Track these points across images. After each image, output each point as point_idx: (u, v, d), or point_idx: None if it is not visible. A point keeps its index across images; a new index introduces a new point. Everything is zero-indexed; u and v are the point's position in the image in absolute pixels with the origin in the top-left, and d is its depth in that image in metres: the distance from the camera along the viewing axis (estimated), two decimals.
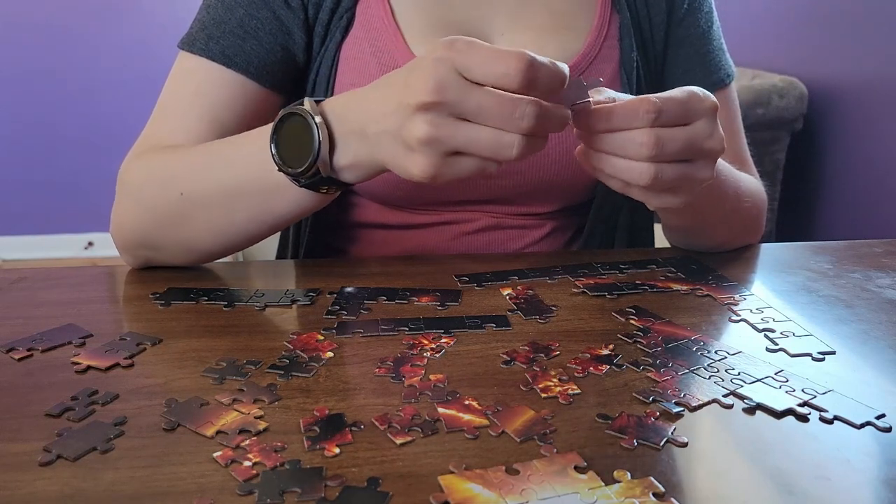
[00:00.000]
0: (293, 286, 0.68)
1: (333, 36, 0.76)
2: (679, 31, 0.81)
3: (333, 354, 0.54)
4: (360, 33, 0.76)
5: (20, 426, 0.45)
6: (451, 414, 0.46)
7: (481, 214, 0.81)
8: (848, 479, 0.40)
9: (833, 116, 2.04)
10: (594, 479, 0.40)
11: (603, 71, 0.78)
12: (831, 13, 2.04)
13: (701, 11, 0.82)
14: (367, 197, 0.81)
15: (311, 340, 0.56)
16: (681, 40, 0.81)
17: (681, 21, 0.81)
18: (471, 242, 0.81)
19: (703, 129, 0.56)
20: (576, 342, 0.56)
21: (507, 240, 0.82)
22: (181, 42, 0.76)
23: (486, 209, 0.81)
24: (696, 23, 0.81)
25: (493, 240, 0.81)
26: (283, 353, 0.54)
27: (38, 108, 2.91)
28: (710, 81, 0.81)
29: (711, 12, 0.83)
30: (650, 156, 0.54)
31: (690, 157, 0.56)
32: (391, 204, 0.81)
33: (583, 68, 0.77)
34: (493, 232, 0.81)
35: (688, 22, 0.81)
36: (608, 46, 0.79)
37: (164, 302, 0.63)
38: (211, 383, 0.50)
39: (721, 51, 0.84)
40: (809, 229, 2.15)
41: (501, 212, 0.81)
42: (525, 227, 0.82)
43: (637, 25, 0.79)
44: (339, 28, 0.76)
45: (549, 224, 0.82)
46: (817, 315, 0.62)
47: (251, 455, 0.41)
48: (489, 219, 0.81)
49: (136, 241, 0.70)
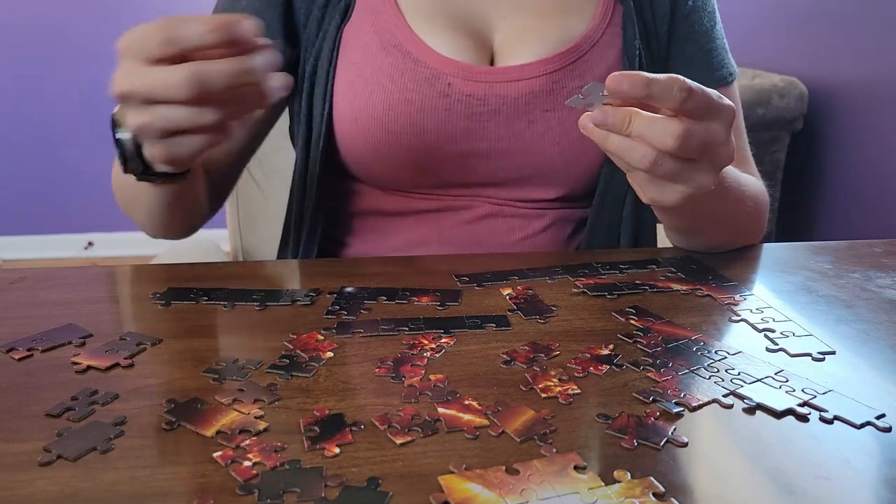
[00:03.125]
0: (293, 286, 0.68)
1: (332, 19, 0.79)
2: (684, 27, 0.81)
3: (334, 354, 0.54)
4: (361, 15, 0.79)
5: (20, 426, 0.45)
6: (451, 414, 0.46)
7: (481, 201, 0.81)
8: (848, 479, 0.40)
9: (833, 116, 2.04)
10: (594, 479, 0.40)
11: (605, 56, 0.78)
12: (832, 13, 2.04)
13: (705, 10, 0.82)
14: (370, 182, 0.82)
15: (312, 340, 0.56)
16: (685, 36, 0.82)
17: (685, 17, 0.81)
18: (470, 232, 0.81)
19: (719, 131, 0.57)
20: (576, 342, 0.56)
21: (508, 230, 0.81)
22: None
23: (485, 194, 0.81)
24: (700, 20, 0.82)
25: (493, 229, 0.81)
26: (283, 353, 0.54)
27: (38, 108, 2.91)
28: (713, 78, 0.81)
29: (714, 12, 0.84)
30: (674, 147, 0.54)
31: (698, 157, 0.57)
32: (392, 188, 0.81)
33: (584, 50, 0.78)
34: (493, 220, 0.81)
35: (692, 18, 0.81)
36: (611, 33, 0.79)
37: (165, 302, 0.63)
38: (211, 383, 0.50)
39: (724, 49, 0.84)
40: (809, 229, 2.15)
41: (501, 198, 0.81)
42: (526, 217, 0.81)
43: (640, 15, 0.80)
44: (338, 11, 0.78)
45: (550, 214, 0.82)
46: (817, 315, 0.62)
47: (251, 455, 0.41)
48: (489, 206, 0.81)
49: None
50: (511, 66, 0.76)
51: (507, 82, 0.76)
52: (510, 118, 0.76)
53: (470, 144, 0.77)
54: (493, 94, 0.76)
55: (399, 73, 0.76)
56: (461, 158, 0.78)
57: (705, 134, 0.56)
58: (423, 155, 0.77)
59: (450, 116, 0.76)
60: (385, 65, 0.76)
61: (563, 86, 0.77)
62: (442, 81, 0.75)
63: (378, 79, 0.76)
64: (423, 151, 0.77)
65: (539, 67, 0.76)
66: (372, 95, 0.76)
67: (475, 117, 0.76)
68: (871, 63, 1.90)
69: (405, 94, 0.75)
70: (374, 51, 0.77)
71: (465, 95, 0.76)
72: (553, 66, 0.76)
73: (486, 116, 0.76)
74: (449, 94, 0.75)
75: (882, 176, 1.86)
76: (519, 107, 0.76)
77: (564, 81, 0.77)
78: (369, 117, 0.76)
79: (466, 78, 0.75)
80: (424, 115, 0.76)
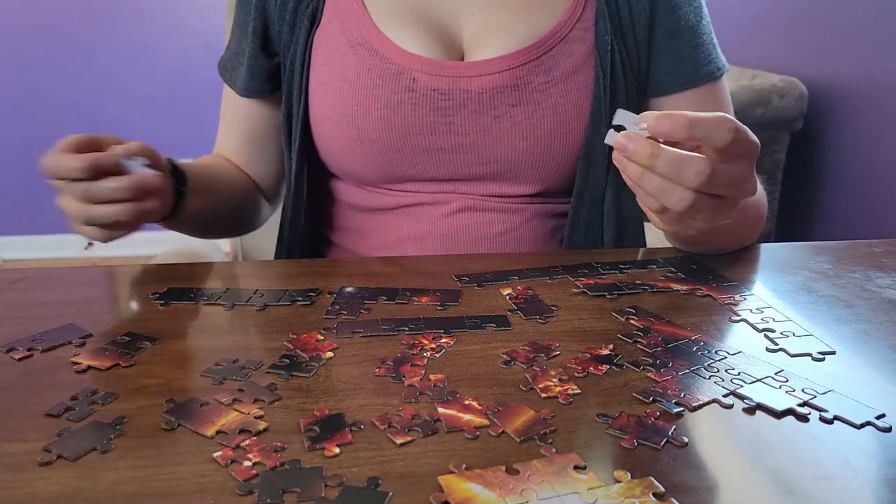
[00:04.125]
0: (293, 286, 0.68)
1: (302, 24, 0.81)
2: (668, 23, 0.81)
3: (333, 354, 0.54)
4: (330, 17, 0.80)
5: (20, 426, 0.45)
6: (451, 414, 0.46)
7: (456, 196, 0.81)
8: (848, 479, 0.40)
9: (833, 116, 2.04)
10: (594, 479, 0.40)
11: (573, 51, 0.78)
12: (831, 13, 2.04)
13: (690, 5, 0.82)
14: (348, 179, 0.84)
15: (312, 340, 0.56)
16: (670, 32, 0.81)
17: (670, 12, 0.81)
18: (450, 225, 0.81)
19: (745, 169, 0.57)
20: (576, 342, 0.56)
21: (486, 223, 0.81)
22: (219, 63, 0.90)
23: (461, 190, 0.81)
24: (686, 16, 0.81)
25: (471, 222, 0.81)
26: (284, 353, 0.54)
27: (38, 108, 2.91)
28: (700, 74, 0.81)
29: (701, 7, 0.83)
30: (700, 184, 0.54)
31: (723, 193, 0.57)
32: (370, 184, 0.83)
33: (550, 45, 0.78)
34: (470, 214, 0.81)
35: (677, 14, 0.81)
36: (581, 28, 0.79)
37: (164, 301, 0.63)
38: (210, 384, 0.50)
39: (712, 45, 0.83)
40: (809, 229, 2.15)
41: (478, 193, 0.81)
42: (504, 211, 0.82)
43: (615, 11, 0.79)
44: (307, 16, 0.80)
45: (530, 209, 0.82)
46: (817, 315, 0.62)
47: (251, 455, 0.41)
48: (464, 200, 0.81)
49: None
50: (475, 62, 0.77)
51: (470, 77, 0.77)
52: (476, 112, 0.77)
53: (438, 139, 0.78)
54: (458, 88, 0.76)
55: (366, 69, 0.77)
56: (431, 153, 0.79)
57: (732, 173, 0.56)
58: (393, 150, 0.78)
59: (416, 111, 0.77)
60: (353, 63, 0.78)
61: (528, 81, 0.77)
62: (407, 76, 0.76)
63: (347, 76, 0.78)
64: (393, 146, 0.78)
65: (503, 62, 0.77)
66: (341, 93, 0.78)
67: (441, 111, 0.77)
68: (871, 63, 1.90)
69: (372, 91, 0.77)
70: (343, 50, 0.78)
71: (430, 90, 0.76)
72: (517, 60, 0.77)
73: (452, 111, 0.77)
74: (414, 89, 0.76)
75: (882, 176, 1.86)
76: (484, 101, 0.77)
77: (529, 77, 0.77)
78: (341, 114, 0.78)
79: (431, 73, 0.76)
80: (391, 110, 0.77)
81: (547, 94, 0.77)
